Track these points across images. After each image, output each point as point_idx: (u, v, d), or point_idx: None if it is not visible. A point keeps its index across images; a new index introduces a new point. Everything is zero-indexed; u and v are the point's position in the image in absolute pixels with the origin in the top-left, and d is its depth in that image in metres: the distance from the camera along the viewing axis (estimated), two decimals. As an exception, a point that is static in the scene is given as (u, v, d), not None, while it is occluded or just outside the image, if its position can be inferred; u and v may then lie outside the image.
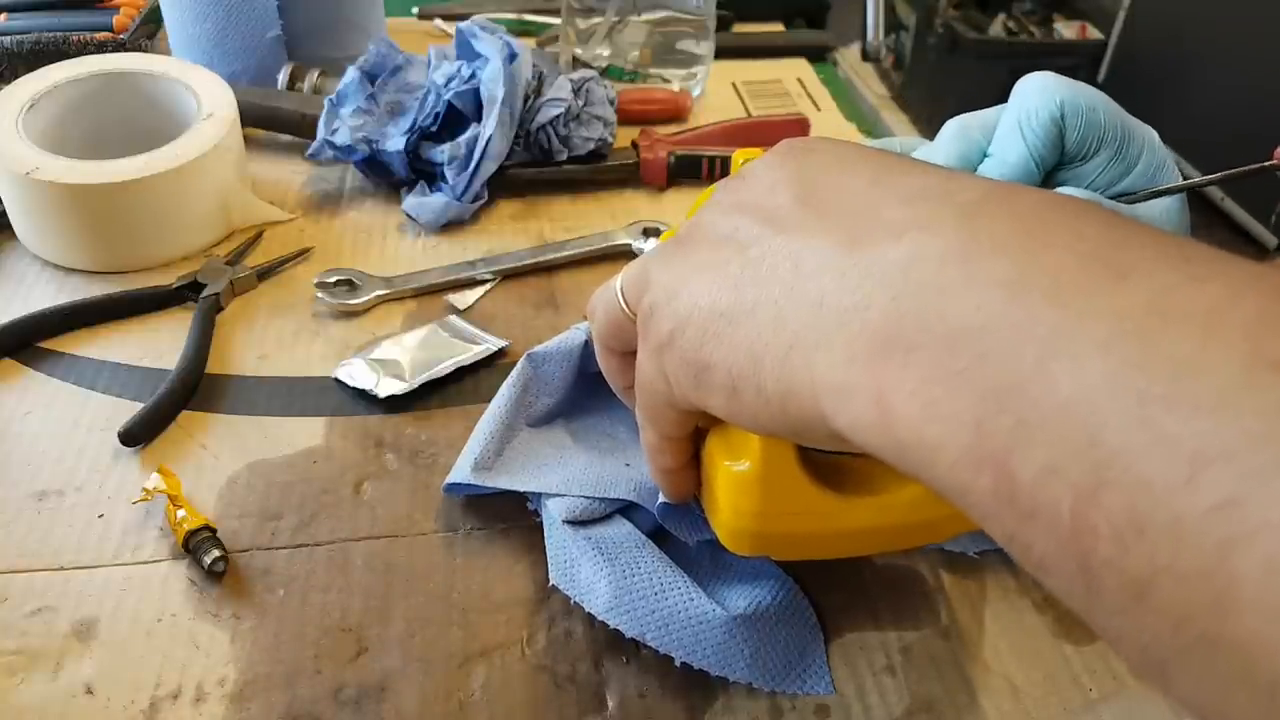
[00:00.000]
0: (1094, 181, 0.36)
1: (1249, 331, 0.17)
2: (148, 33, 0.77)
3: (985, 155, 0.37)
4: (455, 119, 0.61)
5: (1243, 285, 0.18)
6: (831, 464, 0.34)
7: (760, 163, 0.30)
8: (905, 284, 0.22)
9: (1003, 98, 0.38)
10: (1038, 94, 0.35)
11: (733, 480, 0.33)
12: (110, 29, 0.75)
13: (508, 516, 0.42)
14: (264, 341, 0.51)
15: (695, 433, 0.34)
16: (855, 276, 0.24)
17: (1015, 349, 0.20)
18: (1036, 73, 0.36)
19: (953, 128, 0.38)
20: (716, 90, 0.78)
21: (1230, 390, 0.17)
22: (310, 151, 0.61)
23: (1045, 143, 0.35)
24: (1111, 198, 0.36)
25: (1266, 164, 0.39)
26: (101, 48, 0.70)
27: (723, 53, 0.79)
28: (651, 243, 0.59)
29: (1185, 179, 0.36)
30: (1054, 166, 0.36)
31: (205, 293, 0.53)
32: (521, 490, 0.41)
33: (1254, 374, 0.17)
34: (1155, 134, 0.36)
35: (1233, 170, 0.38)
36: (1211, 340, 0.17)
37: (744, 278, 0.27)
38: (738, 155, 0.38)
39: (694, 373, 0.28)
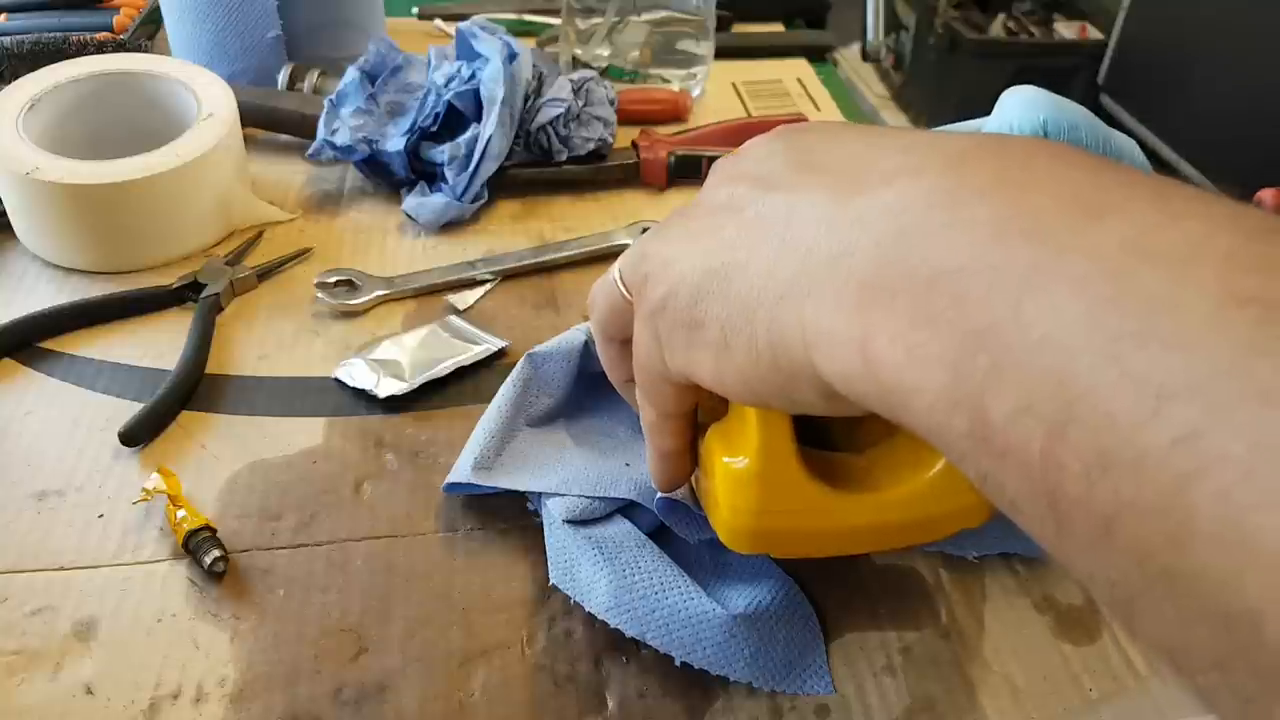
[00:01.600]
0: None
1: (1221, 269, 0.17)
2: (148, 33, 0.77)
3: None
4: (455, 119, 0.61)
5: (1218, 223, 0.18)
6: (831, 461, 0.34)
7: (754, 141, 0.30)
8: (891, 229, 0.23)
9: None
10: (1022, 109, 0.35)
11: (731, 477, 0.33)
12: (110, 29, 0.75)
13: (508, 516, 0.42)
14: (264, 341, 0.51)
15: (694, 416, 0.34)
16: (844, 224, 0.24)
17: (992, 289, 0.20)
18: (1021, 86, 0.36)
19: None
20: (716, 90, 0.78)
21: (1199, 327, 0.17)
22: (310, 151, 0.61)
23: None
24: None
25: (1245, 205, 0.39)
26: (101, 48, 0.70)
27: (723, 53, 0.79)
28: (651, 243, 0.59)
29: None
30: None
31: (205, 293, 0.53)
32: (522, 490, 0.41)
33: (1224, 310, 0.17)
34: (1138, 149, 0.36)
35: None
36: (1184, 277, 0.17)
37: (739, 237, 0.27)
38: None
39: (686, 332, 0.28)
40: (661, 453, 0.35)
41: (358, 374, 0.48)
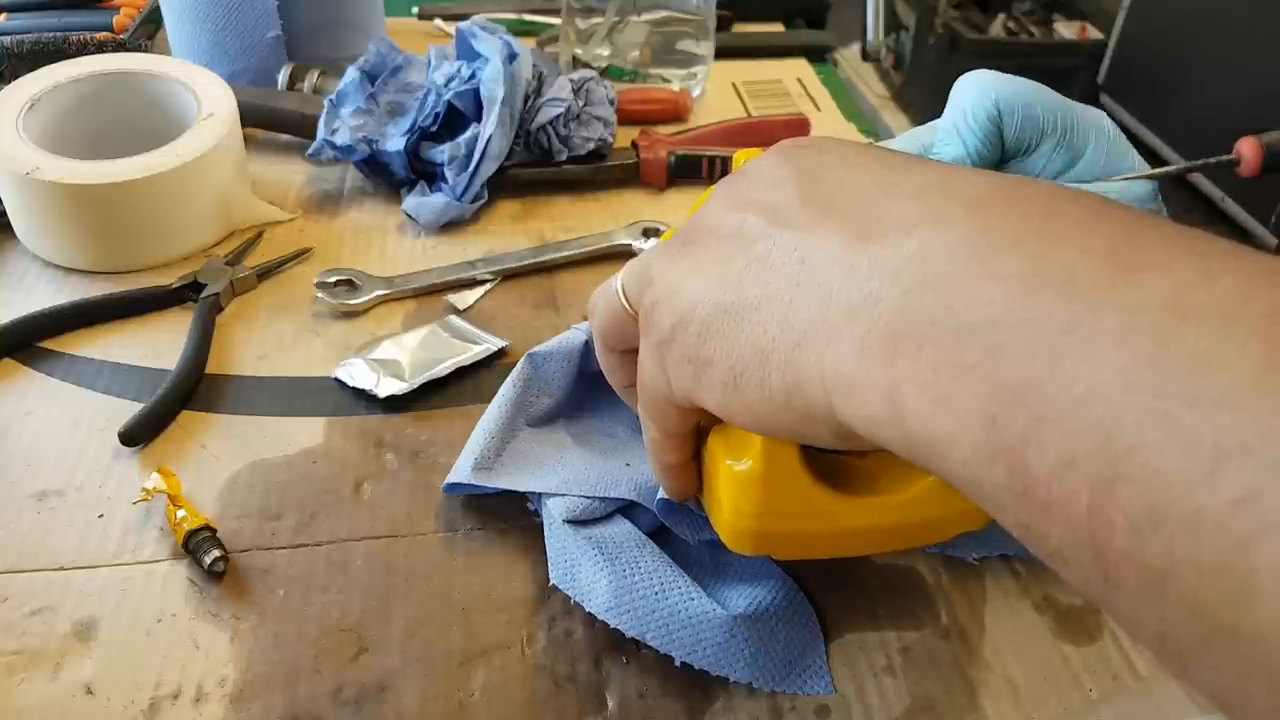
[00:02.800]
0: (1041, 173, 0.35)
1: (1263, 327, 0.17)
2: (148, 33, 0.77)
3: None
4: (455, 119, 0.61)
5: (1256, 279, 0.18)
6: (833, 464, 0.34)
7: (761, 160, 0.30)
8: (915, 278, 0.23)
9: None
10: (974, 92, 0.35)
11: (734, 479, 0.33)
12: (110, 29, 0.75)
13: (508, 516, 0.42)
14: (264, 341, 0.51)
15: (697, 430, 0.34)
16: (864, 271, 0.24)
17: (1028, 344, 0.20)
18: (973, 71, 0.36)
19: (901, 136, 0.38)
20: (716, 90, 0.78)
21: (1247, 386, 0.17)
22: (310, 151, 0.61)
23: (983, 141, 0.35)
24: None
25: (1224, 158, 0.38)
26: (101, 48, 0.70)
27: (723, 53, 0.79)
28: (652, 242, 0.59)
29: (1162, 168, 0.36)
30: (998, 162, 0.36)
31: (205, 293, 0.53)
32: (522, 491, 0.41)
33: (1270, 370, 0.17)
34: (1106, 119, 0.36)
35: (1194, 162, 0.38)
36: (1227, 336, 0.18)
37: (749, 274, 0.27)
38: (739, 155, 0.38)
39: (694, 369, 0.28)
40: (665, 466, 0.35)
41: (358, 374, 0.48)
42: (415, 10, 0.85)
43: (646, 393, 0.32)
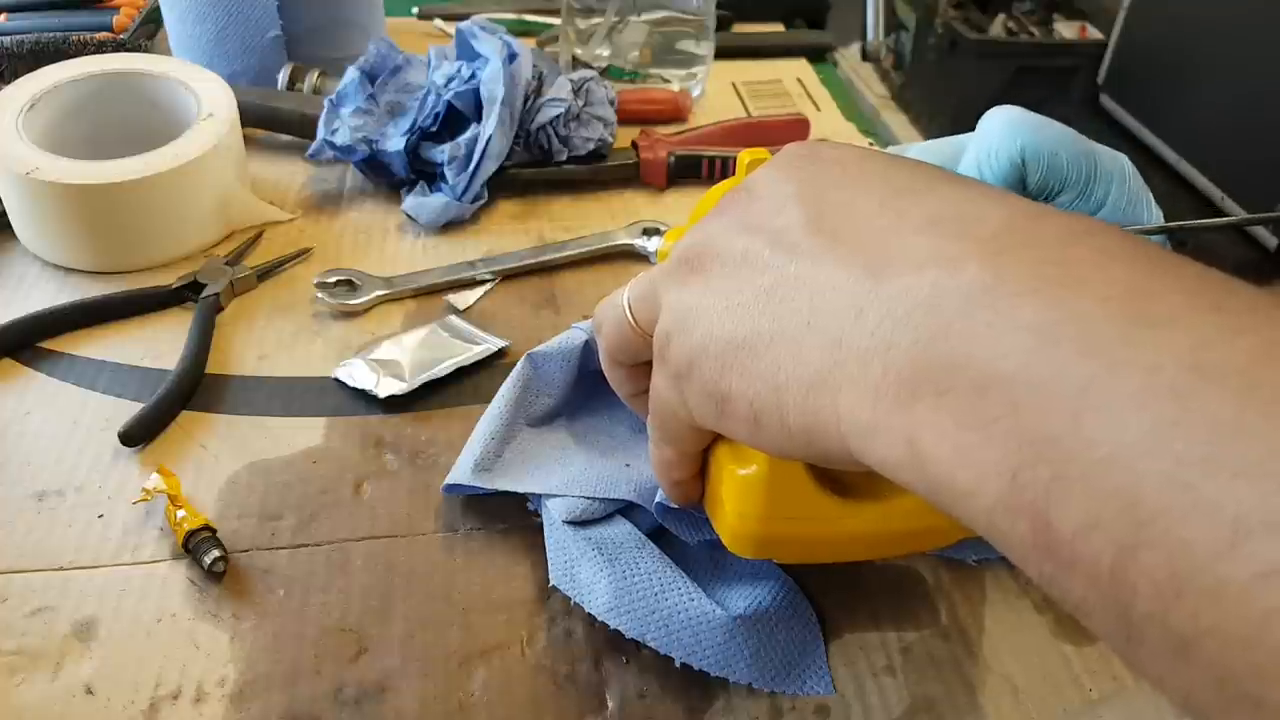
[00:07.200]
0: None
1: None
2: (148, 33, 0.77)
3: None
4: (455, 119, 0.61)
5: (1276, 340, 0.18)
6: (838, 470, 0.34)
7: (766, 176, 0.29)
8: (928, 326, 0.22)
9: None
10: (1001, 134, 0.35)
11: (739, 484, 0.32)
12: (110, 29, 0.75)
13: (508, 516, 0.42)
14: (264, 341, 0.51)
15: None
16: (875, 314, 0.23)
17: (1048, 401, 0.20)
18: (1003, 108, 0.35)
19: (921, 145, 0.38)
20: (716, 90, 0.78)
21: (1269, 457, 0.17)
22: (310, 151, 0.61)
23: (1004, 185, 0.34)
24: None
25: (1271, 215, 0.38)
26: (101, 48, 0.70)
27: (723, 53, 0.79)
28: (654, 241, 0.59)
29: (1177, 215, 0.35)
30: None
31: (205, 293, 0.53)
32: (522, 492, 0.41)
33: None
34: (1128, 164, 0.36)
35: (1246, 216, 0.37)
36: (1248, 402, 0.17)
37: (758, 308, 0.26)
38: (743, 155, 0.38)
39: (715, 403, 0.28)
40: (673, 481, 0.35)
41: (358, 374, 0.48)
42: (415, 10, 0.85)
43: (663, 417, 0.32)
